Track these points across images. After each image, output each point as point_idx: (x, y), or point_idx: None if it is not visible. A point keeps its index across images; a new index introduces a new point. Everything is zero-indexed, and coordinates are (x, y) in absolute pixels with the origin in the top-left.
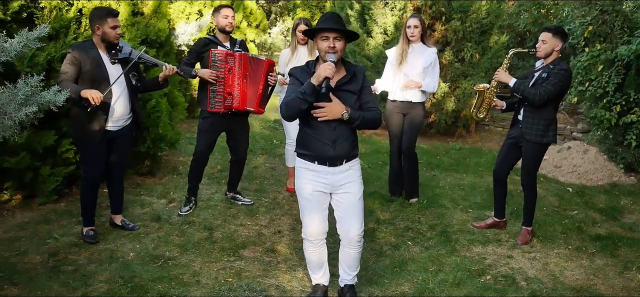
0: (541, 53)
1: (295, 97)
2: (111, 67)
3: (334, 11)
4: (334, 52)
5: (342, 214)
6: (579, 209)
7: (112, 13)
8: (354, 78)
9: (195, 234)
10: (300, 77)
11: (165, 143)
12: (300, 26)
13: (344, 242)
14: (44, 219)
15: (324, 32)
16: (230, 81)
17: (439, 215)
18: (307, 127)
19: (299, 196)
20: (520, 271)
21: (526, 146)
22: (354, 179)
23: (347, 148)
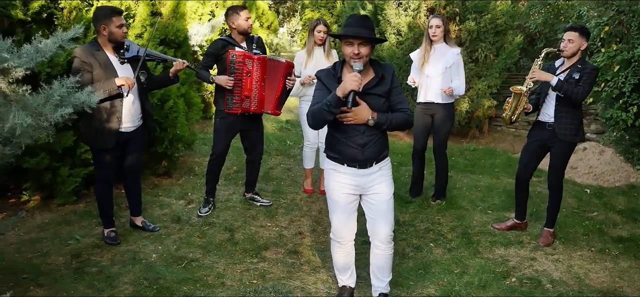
0: (568, 52)
1: (320, 109)
2: (120, 67)
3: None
4: (359, 59)
5: (372, 214)
6: (598, 211)
7: (116, 11)
8: (382, 80)
9: (217, 236)
10: (326, 82)
11: (182, 144)
12: (318, 27)
13: (374, 242)
14: (64, 220)
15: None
16: (248, 84)
17: (458, 216)
18: (336, 131)
19: (328, 198)
20: (544, 273)
21: (558, 146)
22: (384, 180)
23: (377, 150)
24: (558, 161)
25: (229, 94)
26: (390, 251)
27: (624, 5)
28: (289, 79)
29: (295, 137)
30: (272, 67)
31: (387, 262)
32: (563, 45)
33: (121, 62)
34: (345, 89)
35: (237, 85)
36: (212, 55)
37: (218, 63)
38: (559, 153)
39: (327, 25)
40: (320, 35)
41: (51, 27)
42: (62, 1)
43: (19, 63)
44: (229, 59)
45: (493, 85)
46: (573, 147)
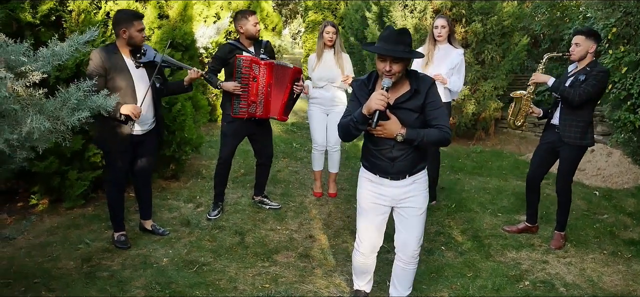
0: (575, 56)
1: (348, 124)
2: (136, 71)
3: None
4: (390, 76)
5: (402, 226)
6: (609, 213)
7: (138, 16)
8: (415, 94)
9: (227, 239)
10: (358, 93)
11: (190, 147)
12: (327, 28)
13: (399, 254)
14: (72, 223)
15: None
16: (254, 89)
17: (468, 219)
18: (369, 141)
19: (357, 205)
20: (557, 276)
21: (564, 149)
22: (417, 194)
23: (409, 165)
24: (565, 164)
25: (236, 99)
26: (413, 266)
27: (632, 7)
28: (296, 85)
29: (301, 139)
30: (279, 73)
31: (408, 277)
32: (571, 50)
33: (137, 66)
34: (369, 108)
35: (243, 90)
36: (219, 59)
37: (225, 67)
38: (566, 157)
39: (335, 26)
40: (329, 37)
41: (59, 30)
42: (71, 4)
43: (36, 67)
44: (236, 63)
45: (499, 86)
46: (581, 151)
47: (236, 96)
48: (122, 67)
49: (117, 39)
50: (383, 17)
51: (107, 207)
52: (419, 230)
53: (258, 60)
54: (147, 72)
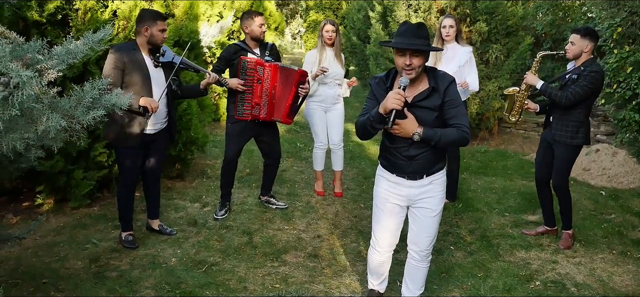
0: (570, 54)
1: (364, 122)
2: (153, 70)
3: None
4: (409, 72)
5: (415, 226)
6: (616, 213)
7: (161, 16)
8: (433, 92)
9: (235, 239)
10: (376, 91)
11: (196, 146)
12: (326, 27)
13: (412, 253)
14: (79, 223)
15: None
16: (258, 91)
17: (476, 219)
18: (386, 138)
19: (374, 204)
20: (567, 276)
21: (557, 147)
22: (433, 195)
23: (427, 164)
24: (558, 162)
25: (240, 100)
26: (426, 264)
27: (637, 7)
28: (301, 88)
29: (305, 139)
30: (284, 75)
31: (420, 276)
32: (566, 48)
33: (155, 65)
34: (386, 107)
35: (247, 92)
36: (224, 60)
37: (230, 68)
38: (558, 155)
39: (335, 24)
40: (328, 35)
41: (66, 29)
42: (77, 2)
43: (51, 65)
44: (241, 64)
45: (504, 86)
46: (574, 150)
47: (240, 98)
48: (141, 64)
49: (138, 36)
50: (387, 16)
51: (113, 206)
52: (433, 230)
53: (263, 62)
54: (165, 72)
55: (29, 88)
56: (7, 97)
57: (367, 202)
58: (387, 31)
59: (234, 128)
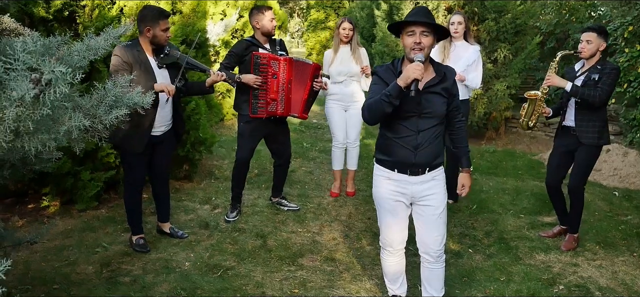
0: (586, 54)
1: (379, 100)
2: (158, 70)
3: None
4: (421, 49)
5: (422, 226)
6: (632, 214)
7: (164, 14)
8: (444, 79)
9: (249, 242)
10: (385, 77)
11: (204, 147)
12: (343, 24)
13: (424, 256)
14: (87, 226)
15: (410, 26)
16: (274, 87)
17: (492, 221)
18: (388, 130)
19: (377, 204)
20: (590, 280)
21: (582, 150)
22: (437, 191)
23: (430, 155)
24: (581, 165)
25: (254, 98)
26: (440, 265)
27: None
28: (316, 81)
29: (311, 139)
30: (299, 69)
31: (437, 277)
32: (581, 47)
33: (160, 66)
34: (407, 77)
35: (261, 88)
36: (235, 56)
37: (241, 65)
38: (583, 157)
39: (352, 22)
40: (345, 33)
41: (72, 26)
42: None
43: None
44: (253, 60)
45: (512, 85)
46: (598, 151)
47: (254, 95)
48: (145, 65)
49: (140, 36)
50: (394, 15)
51: (121, 208)
52: (441, 229)
53: (277, 56)
54: (170, 72)
55: (62, 85)
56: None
57: None
58: None
59: (247, 127)
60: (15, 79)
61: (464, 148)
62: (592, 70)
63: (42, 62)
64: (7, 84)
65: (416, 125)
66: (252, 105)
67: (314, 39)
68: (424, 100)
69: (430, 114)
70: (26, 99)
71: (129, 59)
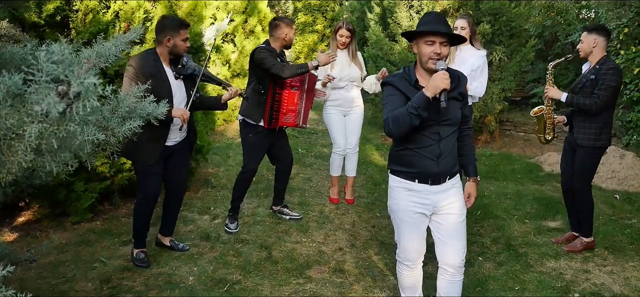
0: (582, 53)
1: (406, 113)
2: (174, 82)
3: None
4: (440, 59)
5: (442, 236)
6: (635, 218)
7: (184, 24)
8: (459, 83)
9: (253, 254)
10: (401, 87)
11: (201, 155)
12: (341, 31)
13: (444, 267)
14: (82, 240)
15: (429, 36)
16: (294, 99)
17: (497, 227)
18: (407, 141)
19: (394, 217)
20: (604, 286)
21: (580, 151)
22: (456, 199)
23: (451, 163)
24: (579, 166)
25: (271, 109)
26: (460, 277)
27: None
28: (318, 91)
29: (306, 144)
30: (308, 79)
31: (456, 290)
32: (578, 47)
33: (176, 77)
34: (436, 87)
35: (276, 100)
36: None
37: (254, 71)
38: (580, 159)
39: (350, 29)
40: (342, 40)
41: (65, 31)
42: (77, 3)
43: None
44: None
45: (508, 88)
46: (596, 152)
47: (271, 107)
48: (162, 76)
49: (158, 46)
50: (387, 18)
51: (116, 220)
52: (463, 239)
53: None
54: (185, 84)
55: (92, 98)
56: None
57: (383, 211)
58: (387, 33)
59: (259, 138)
60: (37, 91)
61: (471, 156)
62: (591, 71)
63: (70, 72)
64: (28, 97)
65: (438, 133)
66: (268, 116)
67: (301, 42)
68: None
69: (450, 121)
70: (52, 114)
71: (144, 69)
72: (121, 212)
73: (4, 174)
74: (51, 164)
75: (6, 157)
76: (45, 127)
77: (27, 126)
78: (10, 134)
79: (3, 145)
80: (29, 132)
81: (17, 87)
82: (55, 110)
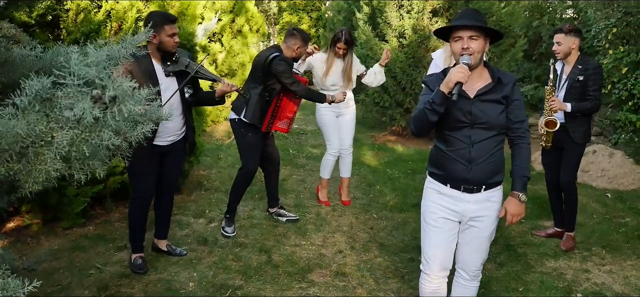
0: (561, 55)
1: (423, 109)
2: (165, 79)
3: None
4: (469, 54)
5: (465, 246)
6: (629, 217)
7: (169, 19)
8: (499, 84)
9: (253, 258)
10: (433, 85)
11: (195, 157)
12: (339, 43)
13: (460, 272)
14: (75, 245)
15: (456, 31)
16: (295, 107)
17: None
18: (440, 142)
19: (423, 221)
20: (605, 286)
21: (572, 147)
22: (489, 214)
23: (488, 172)
24: (571, 161)
25: (272, 115)
26: (476, 283)
27: (632, 7)
28: None
29: (295, 145)
30: None
31: (470, 294)
32: (554, 49)
33: (167, 74)
34: (449, 80)
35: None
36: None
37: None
38: (571, 153)
39: (348, 41)
40: (340, 53)
41: (55, 31)
42: (68, 2)
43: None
44: None
45: None
46: (583, 148)
47: (273, 112)
48: (150, 73)
49: (149, 44)
50: (376, 18)
51: (109, 225)
52: (485, 250)
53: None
54: (178, 81)
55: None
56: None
57: (380, 212)
58: (376, 33)
59: (257, 138)
60: (68, 95)
61: (520, 168)
62: (574, 71)
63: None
64: (57, 101)
65: (469, 136)
66: (268, 122)
67: None
68: (476, 108)
69: (485, 125)
70: (87, 120)
71: (133, 68)
72: (114, 216)
73: (30, 183)
74: (79, 172)
75: (32, 166)
76: (76, 133)
77: (56, 133)
78: (38, 142)
79: (30, 153)
80: (60, 139)
81: (46, 91)
82: (89, 116)
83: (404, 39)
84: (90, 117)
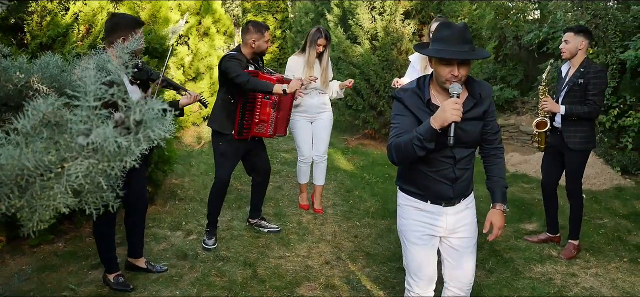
0: (566, 54)
1: (410, 143)
2: (130, 87)
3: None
4: (458, 81)
5: (453, 261)
6: (606, 218)
7: (139, 23)
8: (480, 101)
9: (237, 273)
10: (411, 105)
11: (168, 166)
12: (320, 40)
13: (453, 290)
14: (45, 265)
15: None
16: (266, 108)
17: (478, 232)
18: (423, 163)
19: (403, 238)
20: (593, 290)
21: (570, 155)
22: (470, 220)
23: (466, 185)
24: (572, 168)
25: (241, 118)
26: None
27: (600, 10)
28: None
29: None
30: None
31: None
32: (561, 47)
33: (131, 82)
34: (444, 120)
35: (248, 109)
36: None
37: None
38: (573, 161)
39: (327, 35)
40: (320, 49)
41: (19, 35)
42: (33, 4)
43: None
44: None
45: None
46: (587, 154)
47: (241, 115)
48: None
49: (110, 48)
50: (347, 19)
51: (80, 241)
52: (474, 260)
53: (268, 75)
54: (143, 89)
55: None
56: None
57: (362, 219)
58: (348, 35)
59: (231, 147)
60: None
61: (500, 179)
62: (576, 74)
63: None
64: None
65: (453, 156)
66: (238, 126)
67: None
68: (459, 129)
69: (467, 143)
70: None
71: None
72: (85, 231)
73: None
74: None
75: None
76: (92, 163)
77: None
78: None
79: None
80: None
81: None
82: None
83: (376, 41)
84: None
